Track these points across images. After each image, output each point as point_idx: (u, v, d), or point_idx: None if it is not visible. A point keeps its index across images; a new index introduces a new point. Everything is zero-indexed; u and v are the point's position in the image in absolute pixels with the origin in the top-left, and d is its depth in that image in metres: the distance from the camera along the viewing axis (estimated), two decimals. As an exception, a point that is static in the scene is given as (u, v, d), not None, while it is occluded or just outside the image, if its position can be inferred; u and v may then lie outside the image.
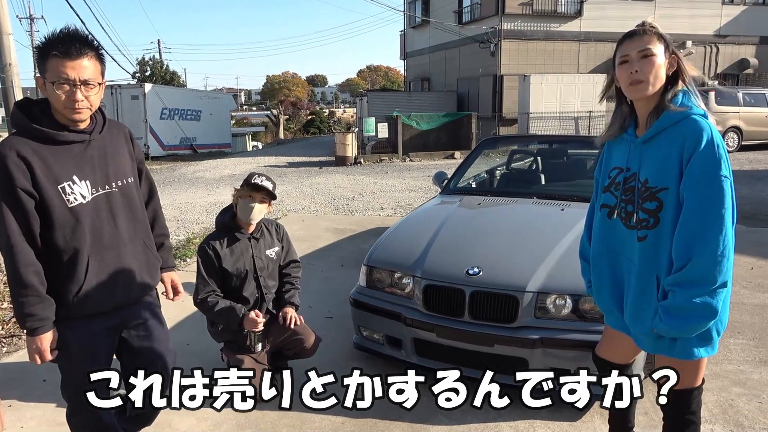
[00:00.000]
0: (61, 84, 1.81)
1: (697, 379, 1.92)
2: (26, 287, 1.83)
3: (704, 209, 1.72)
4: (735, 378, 3.20)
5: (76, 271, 1.91)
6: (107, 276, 1.97)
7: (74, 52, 1.81)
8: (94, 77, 1.86)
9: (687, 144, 1.75)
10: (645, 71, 1.81)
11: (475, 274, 2.97)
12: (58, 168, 1.86)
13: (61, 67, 1.80)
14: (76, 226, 1.89)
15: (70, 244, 1.90)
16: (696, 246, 1.72)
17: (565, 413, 2.86)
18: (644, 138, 1.88)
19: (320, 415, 2.91)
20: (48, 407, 3.04)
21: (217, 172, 15.06)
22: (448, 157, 16.81)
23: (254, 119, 50.39)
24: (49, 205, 1.85)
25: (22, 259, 1.83)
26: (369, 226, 7.37)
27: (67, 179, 1.88)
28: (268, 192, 3.00)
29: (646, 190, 1.85)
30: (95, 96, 1.89)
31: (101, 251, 1.96)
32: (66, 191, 1.87)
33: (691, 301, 1.72)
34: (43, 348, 1.91)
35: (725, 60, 21.55)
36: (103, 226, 1.96)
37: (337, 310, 4.30)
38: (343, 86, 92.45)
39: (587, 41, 19.82)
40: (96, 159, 1.96)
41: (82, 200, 1.90)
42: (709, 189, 1.72)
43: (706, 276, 1.71)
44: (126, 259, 2.03)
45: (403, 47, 27.24)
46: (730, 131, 15.40)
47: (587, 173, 4.79)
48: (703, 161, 1.72)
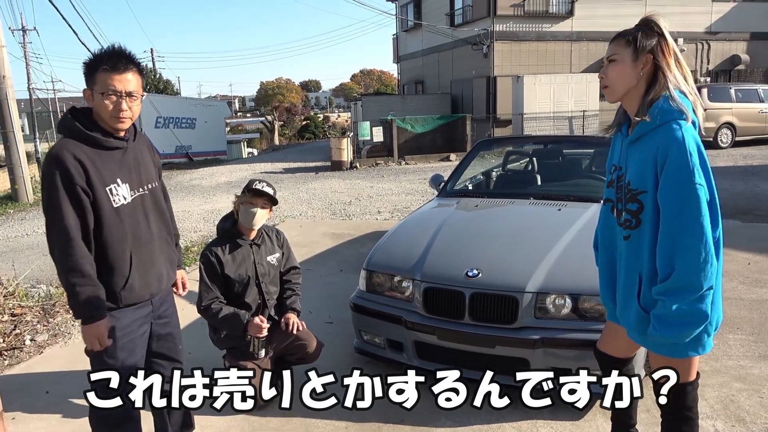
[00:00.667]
0: (109, 95, 2.02)
1: (691, 374, 1.94)
2: (84, 276, 1.99)
3: (680, 219, 1.74)
4: (735, 373, 3.22)
5: (123, 266, 2.09)
6: (145, 269, 2.17)
7: (121, 66, 2.03)
8: (136, 90, 2.08)
9: (660, 152, 1.78)
10: (609, 77, 1.90)
11: (474, 276, 2.99)
12: (105, 171, 2.05)
13: (109, 80, 2.01)
14: (119, 224, 2.08)
15: (116, 240, 2.07)
16: (677, 255, 1.75)
17: (567, 413, 2.87)
18: (630, 139, 1.93)
19: (324, 420, 2.92)
20: (52, 418, 3.04)
21: (213, 180, 15.05)
22: (443, 159, 16.84)
23: (249, 126, 50.29)
24: (99, 204, 2.03)
25: (80, 251, 1.99)
26: (367, 230, 7.38)
27: (113, 181, 2.07)
28: (269, 197, 3.03)
29: (629, 191, 1.90)
30: (136, 107, 2.11)
31: (140, 248, 2.15)
32: (112, 192, 2.06)
33: (680, 309, 1.75)
34: (102, 333, 2.05)
35: (717, 57, 21.66)
36: (139, 225, 2.15)
37: (337, 314, 4.31)
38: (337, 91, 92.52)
39: (579, 41, 19.90)
40: (132, 164, 2.16)
41: (124, 201, 2.10)
42: (683, 198, 1.73)
43: (690, 283, 1.74)
44: (156, 254, 2.24)
45: (396, 51, 27.30)
46: (723, 127, 15.48)
47: (583, 173, 4.82)
48: (675, 171, 1.75)
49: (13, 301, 4.75)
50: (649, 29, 1.87)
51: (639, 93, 1.88)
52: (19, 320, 4.50)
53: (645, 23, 1.89)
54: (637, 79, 1.87)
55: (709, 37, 21.33)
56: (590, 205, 3.86)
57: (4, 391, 3.11)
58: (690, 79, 1.88)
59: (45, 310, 4.72)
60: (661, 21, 1.89)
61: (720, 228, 1.81)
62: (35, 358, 3.88)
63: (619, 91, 1.91)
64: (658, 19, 1.89)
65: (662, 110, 1.81)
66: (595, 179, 4.50)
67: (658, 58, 1.85)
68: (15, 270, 5.62)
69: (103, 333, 2.06)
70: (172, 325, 2.40)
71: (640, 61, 1.86)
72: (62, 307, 4.74)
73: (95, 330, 2.04)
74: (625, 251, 1.96)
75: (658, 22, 1.88)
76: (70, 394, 3.29)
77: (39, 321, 4.52)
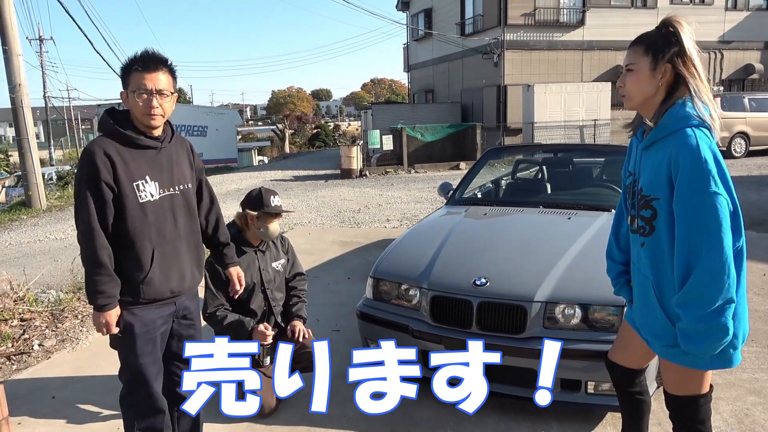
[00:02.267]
0: (140, 93, 2.12)
1: (704, 387, 1.88)
2: (101, 266, 2.08)
3: (695, 228, 1.68)
4: (750, 387, 3.15)
5: (143, 260, 2.16)
6: (167, 266, 2.23)
7: (152, 66, 2.13)
8: (167, 87, 2.17)
9: (674, 159, 1.72)
10: (627, 86, 1.86)
11: (482, 285, 2.95)
12: (135, 168, 2.14)
13: (141, 79, 2.12)
14: (144, 219, 2.15)
15: (138, 234, 2.15)
16: (692, 265, 1.69)
17: (576, 425, 2.83)
18: (644, 145, 1.88)
19: (327, 429, 2.89)
20: (58, 423, 3.04)
21: (223, 187, 15.12)
22: (453, 168, 16.81)
23: (260, 134, 50.64)
24: (125, 198, 2.11)
25: (99, 242, 2.08)
26: (375, 238, 7.36)
27: (141, 178, 2.15)
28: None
29: (642, 198, 1.85)
30: (168, 104, 2.19)
31: (163, 244, 2.21)
32: (139, 188, 2.14)
33: (698, 324, 1.69)
34: (110, 321, 2.14)
35: (730, 66, 21.51)
36: (166, 222, 2.22)
37: (344, 322, 4.28)
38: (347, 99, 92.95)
39: (590, 50, 19.85)
40: (164, 164, 2.24)
41: (150, 198, 2.17)
42: (697, 207, 1.67)
43: (704, 295, 1.67)
44: (182, 254, 2.30)
45: (407, 60, 27.39)
46: (737, 137, 15.33)
47: (593, 181, 4.77)
48: (689, 179, 1.69)
49: (23, 306, 4.78)
50: (669, 34, 1.79)
51: (657, 101, 1.83)
52: (29, 325, 4.52)
53: (664, 26, 1.81)
54: (656, 88, 1.81)
55: (723, 46, 21.19)
56: (601, 213, 3.81)
57: (12, 396, 3.11)
58: (708, 88, 1.82)
59: (54, 315, 4.74)
60: (682, 25, 1.80)
61: (743, 238, 1.74)
62: (43, 363, 3.89)
63: (637, 101, 1.86)
64: (679, 23, 1.80)
65: (677, 116, 1.77)
66: (606, 188, 4.45)
67: (678, 68, 1.78)
68: (26, 275, 5.66)
69: (111, 321, 2.14)
70: (195, 328, 2.44)
71: (658, 71, 1.80)
72: (71, 313, 4.76)
73: (104, 318, 2.14)
74: (642, 259, 1.90)
75: (679, 26, 1.79)
76: (76, 400, 3.28)
77: (48, 326, 4.54)
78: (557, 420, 2.87)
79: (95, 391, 3.35)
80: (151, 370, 2.25)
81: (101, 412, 3.13)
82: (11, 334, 4.30)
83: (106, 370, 3.57)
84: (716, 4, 20.82)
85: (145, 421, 2.30)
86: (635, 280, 2.00)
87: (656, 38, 1.82)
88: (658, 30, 1.83)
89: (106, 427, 2.97)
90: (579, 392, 2.80)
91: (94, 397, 3.27)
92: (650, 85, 1.82)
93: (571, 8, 19.66)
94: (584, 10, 19.61)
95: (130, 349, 2.22)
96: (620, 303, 2.69)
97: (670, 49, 1.79)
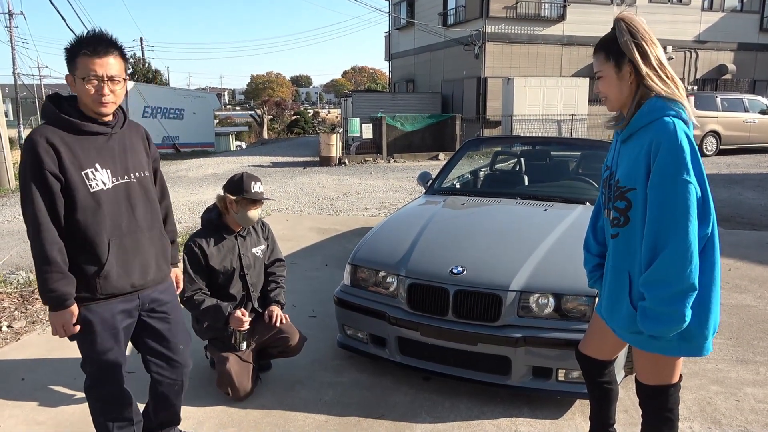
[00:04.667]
0: (90, 80, 1.99)
1: (674, 376, 1.94)
2: (51, 264, 1.97)
3: (664, 212, 1.73)
4: (713, 376, 3.26)
5: (98, 253, 2.06)
6: (126, 259, 2.12)
7: (101, 50, 1.99)
8: (119, 73, 2.04)
9: (653, 146, 1.77)
10: (602, 90, 1.93)
11: (458, 273, 2.99)
12: (83, 156, 2.02)
13: (90, 65, 1.98)
14: (97, 210, 2.04)
15: (92, 226, 2.04)
16: (659, 248, 1.74)
17: (547, 411, 2.89)
18: (622, 138, 1.93)
19: (303, 413, 2.91)
20: (27, 406, 3.00)
21: (200, 172, 14.93)
22: (432, 158, 16.86)
23: (238, 119, 50.03)
24: (73, 188, 2.00)
25: (48, 237, 1.97)
26: (353, 226, 7.36)
27: (90, 166, 2.03)
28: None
29: (618, 189, 1.89)
30: (120, 90, 2.07)
31: (120, 236, 2.10)
32: (89, 177, 2.02)
33: (659, 304, 1.75)
34: (67, 321, 2.04)
35: (704, 65, 21.94)
36: (121, 213, 2.11)
37: (320, 309, 4.29)
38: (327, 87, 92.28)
39: (570, 45, 20.03)
40: (116, 151, 2.12)
41: (103, 186, 2.05)
42: (669, 192, 1.72)
43: (668, 277, 1.72)
44: (143, 245, 2.18)
45: (388, 49, 27.28)
46: (708, 135, 15.68)
47: (570, 174, 4.85)
48: (664, 164, 1.74)
49: (-9, 287, 4.67)
50: (625, 34, 1.82)
51: (632, 94, 1.88)
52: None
53: (616, 26, 1.85)
54: (628, 88, 1.86)
55: (698, 46, 21.59)
56: (576, 206, 3.88)
57: (-21, 378, 3.07)
58: (676, 81, 1.85)
59: (23, 296, 4.65)
60: (633, 22, 1.84)
61: (712, 226, 1.79)
62: (12, 345, 3.82)
63: (615, 103, 1.92)
64: (630, 20, 1.84)
65: (653, 107, 1.81)
66: (582, 181, 4.53)
67: (637, 65, 1.82)
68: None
69: (69, 321, 2.04)
70: (171, 321, 2.31)
71: (624, 73, 1.85)
72: (41, 295, 4.67)
73: (60, 318, 2.03)
74: (612, 250, 1.96)
75: (630, 24, 1.83)
76: (46, 382, 3.24)
77: (17, 307, 4.45)
78: (528, 406, 2.94)
79: (66, 373, 3.31)
80: (114, 366, 2.17)
81: (73, 395, 3.09)
82: (-21, 315, 4.20)
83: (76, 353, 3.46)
84: (693, 4, 21.18)
85: (113, 412, 2.25)
86: (606, 272, 2.04)
87: (613, 42, 1.86)
88: (613, 29, 1.88)
89: (77, 410, 2.94)
90: (550, 380, 2.87)
91: (65, 380, 3.23)
92: (621, 87, 1.88)
93: (553, 3, 19.80)
94: (565, 5, 19.77)
95: (90, 346, 2.13)
96: (592, 294, 2.75)
97: (628, 50, 1.82)
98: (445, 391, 3.09)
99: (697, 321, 1.79)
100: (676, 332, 1.78)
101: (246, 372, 3.03)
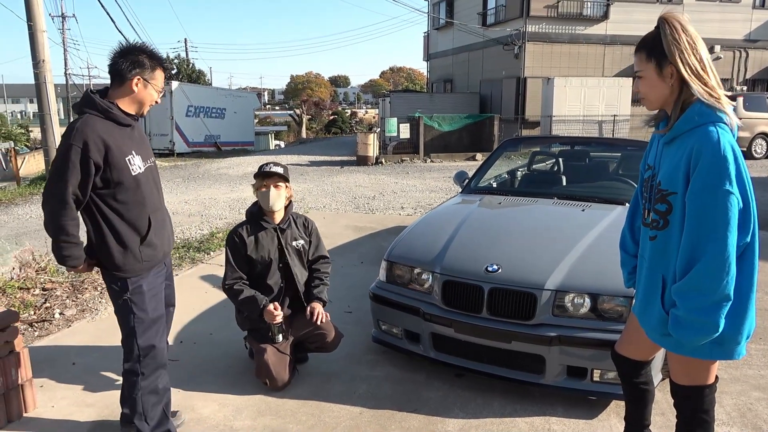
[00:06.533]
0: (159, 90, 2.46)
1: (709, 377, 1.92)
2: (69, 235, 2.30)
3: (703, 222, 1.71)
4: (755, 383, 3.18)
5: (142, 226, 2.41)
6: (159, 231, 2.49)
7: (168, 67, 2.51)
8: None
9: (694, 153, 1.74)
10: (642, 90, 1.90)
11: (494, 271, 3.00)
12: (123, 144, 2.35)
13: (163, 79, 2.47)
14: (137, 190, 2.39)
15: (136, 204, 2.39)
16: (695, 257, 1.72)
17: (580, 411, 2.88)
18: (665, 140, 1.90)
19: (338, 405, 2.97)
20: (77, 388, 3.15)
21: (239, 170, 15.25)
22: (469, 158, 16.78)
23: (277, 118, 50.81)
24: (120, 172, 2.32)
25: (70, 214, 2.28)
26: (389, 224, 7.41)
27: (129, 153, 2.37)
28: (278, 176, 3.10)
29: (659, 192, 1.87)
30: None
31: (154, 211, 2.47)
32: (130, 162, 2.36)
33: (690, 313, 1.73)
34: (83, 269, 2.46)
35: (755, 65, 21.14)
36: (152, 191, 2.48)
37: (356, 304, 4.36)
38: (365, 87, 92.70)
39: (613, 44, 19.62)
40: (138, 139, 2.48)
41: (139, 170, 2.40)
42: (708, 202, 1.70)
43: (702, 287, 1.70)
44: (165, 219, 2.59)
45: (427, 49, 27.25)
46: (758, 138, 15.12)
47: (609, 175, 4.78)
48: (706, 174, 1.71)
49: (44, 276, 4.91)
50: (668, 35, 1.79)
51: (674, 99, 1.85)
52: (50, 294, 4.65)
53: (660, 26, 1.82)
54: (669, 88, 1.83)
55: (747, 45, 20.82)
56: (615, 207, 3.83)
57: (34, 361, 3.23)
58: (718, 85, 1.80)
59: (74, 286, 4.87)
60: (676, 21, 1.80)
61: (752, 234, 1.76)
62: (63, 331, 4.01)
63: (655, 104, 1.89)
64: (675, 20, 1.80)
65: (699, 112, 1.78)
66: (622, 182, 4.46)
67: (679, 68, 1.78)
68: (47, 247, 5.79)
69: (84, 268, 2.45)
70: (171, 286, 2.76)
71: (665, 74, 1.82)
72: (90, 284, 4.89)
73: (77, 270, 2.45)
74: (649, 252, 1.94)
75: (674, 25, 1.79)
76: (94, 367, 3.40)
77: (68, 296, 4.67)
78: (562, 406, 2.92)
79: (113, 358, 3.45)
80: (162, 320, 2.53)
81: (118, 380, 3.23)
82: (33, 302, 4.43)
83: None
84: (743, 1, 20.44)
85: (155, 377, 2.51)
86: (640, 272, 2.03)
87: (655, 42, 1.82)
88: (656, 31, 1.84)
89: (124, 394, 3.07)
90: (585, 380, 2.85)
91: (112, 365, 3.38)
92: (662, 88, 1.84)
93: (595, 1, 19.42)
94: (608, 4, 19.37)
95: (140, 308, 2.43)
96: (629, 294, 2.72)
97: (670, 50, 1.78)
98: (478, 388, 3.10)
99: (731, 325, 1.77)
100: (700, 339, 1.76)
101: (283, 363, 3.12)
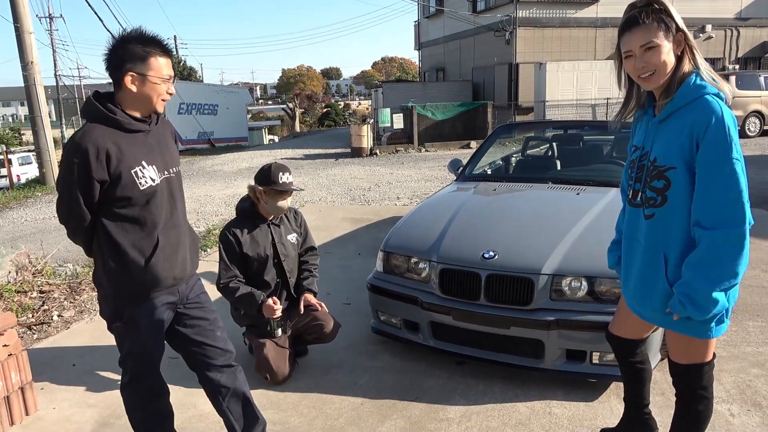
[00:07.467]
0: (162, 80, 2.02)
1: (708, 354, 1.92)
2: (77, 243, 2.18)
3: (715, 191, 1.72)
4: (753, 359, 3.20)
5: (147, 247, 2.09)
6: (170, 252, 2.15)
7: (168, 51, 2.04)
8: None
9: (697, 125, 1.74)
10: (652, 62, 1.81)
11: (490, 258, 3.00)
12: (130, 154, 2.02)
13: (161, 65, 2.01)
14: (145, 207, 2.07)
15: (142, 222, 2.07)
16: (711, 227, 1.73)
17: (581, 394, 2.89)
18: (660, 118, 1.88)
19: (339, 396, 2.98)
20: (78, 390, 3.16)
21: (234, 166, 15.20)
22: (463, 146, 16.76)
23: (270, 113, 50.64)
24: (124, 187, 2.01)
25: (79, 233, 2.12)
26: (385, 215, 7.41)
27: (138, 165, 2.04)
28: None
29: (654, 168, 1.86)
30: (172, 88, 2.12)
31: (168, 230, 2.14)
32: (138, 175, 2.03)
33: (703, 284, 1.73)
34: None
35: (746, 43, 21.10)
36: (166, 207, 2.14)
37: (354, 296, 4.36)
38: (357, 78, 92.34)
39: (604, 27, 19.53)
40: (155, 147, 2.13)
41: (152, 183, 2.07)
42: (720, 171, 1.71)
43: (723, 256, 1.71)
44: (182, 238, 2.22)
45: (418, 38, 27.12)
46: (751, 116, 15.12)
47: (603, 158, 4.78)
48: (714, 144, 1.72)
49: (41, 279, 4.90)
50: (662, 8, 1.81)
51: (672, 72, 1.83)
52: (47, 297, 4.64)
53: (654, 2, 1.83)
54: (673, 60, 1.82)
55: (739, 24, 20.77)
56: (610, 189, 3.83)
57: (34, 363, 3.24)
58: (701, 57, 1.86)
59: (71, 287, 4.86)
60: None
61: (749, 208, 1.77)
62: (62, 333, 4.01)
63: (664, 76, 1.83)
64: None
65: (696, 85, 1.79)
66: (616, 164, 4.46)
67: (687, 35, 1.81)
68: (43, 249, 5.79)
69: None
70: (206, 310, 2.33)
71: (676, 42, 1.81)
72: (88, 285, 4.88)
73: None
74: (645, 232, 1.91)
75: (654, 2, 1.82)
76: (95, 368, 3.40)
77: (66, 298, 4.66)
78: (563, 389, 2.94)
79: (113, 359, 3.42)
80: (156, 360, 2.22)
81: (119, 380, 3.23)
82: (31, 305, 4.42)
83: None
84: (734, -21, 20.37)
85: (152, 404, 2.28)
86: (631, 254, 2.00)
87: (660, 12, 1.82)
88: (649, 5, 1.83)
89: (125, 393, 3.07)
90: (584, 362, 2.87)
91: (112, 366, 3.37)
92: (671, 57, 1.82)
93: (585, -16, 19.33)
94: (598, -14, 19.27)
95: (135, 343, 2.17)
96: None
97: (674, 21, 1.81)
98: (479, 375, 3.11)
99: (731, 300, 1.80)
100: (709, 315, 1.77)
101: (283, 357, 3.12)
